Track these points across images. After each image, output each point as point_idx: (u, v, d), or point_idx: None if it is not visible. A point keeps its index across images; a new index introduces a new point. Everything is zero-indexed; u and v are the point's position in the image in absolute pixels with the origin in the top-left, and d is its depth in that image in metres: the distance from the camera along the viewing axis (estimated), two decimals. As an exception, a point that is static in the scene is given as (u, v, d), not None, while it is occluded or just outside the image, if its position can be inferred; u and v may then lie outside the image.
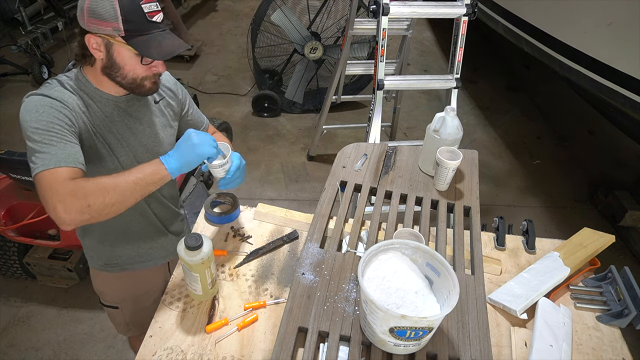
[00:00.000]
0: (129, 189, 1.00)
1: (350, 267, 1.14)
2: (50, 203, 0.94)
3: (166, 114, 1.30)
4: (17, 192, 2.15)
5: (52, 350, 2.18)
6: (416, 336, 0.90)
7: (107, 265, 1.39)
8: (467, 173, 1.46)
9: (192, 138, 1.05)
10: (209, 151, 1.07)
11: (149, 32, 1.05)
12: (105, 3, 1.00)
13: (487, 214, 2.88)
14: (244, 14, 5.70)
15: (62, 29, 4.33)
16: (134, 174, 1.01)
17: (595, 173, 3.49)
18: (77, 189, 0.95)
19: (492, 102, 4.29)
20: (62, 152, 0.98)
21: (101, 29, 1.02)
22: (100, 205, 0.96)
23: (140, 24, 1.03)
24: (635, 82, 2.03)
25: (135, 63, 1.08)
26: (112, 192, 0.97)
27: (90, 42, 1.05)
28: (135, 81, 1.11)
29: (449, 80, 2.11)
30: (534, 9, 2.78)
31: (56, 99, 1.04)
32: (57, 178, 0.95)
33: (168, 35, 1.09)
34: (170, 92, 1.31)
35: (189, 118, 1.39)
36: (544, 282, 1.21)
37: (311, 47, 3.41)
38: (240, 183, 1.22)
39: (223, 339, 1.10)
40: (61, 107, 1.03)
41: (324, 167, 3.41)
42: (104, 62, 1.08)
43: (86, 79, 1.12)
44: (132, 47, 1.04)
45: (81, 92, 1.11)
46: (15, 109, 3.77)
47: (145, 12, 1.03)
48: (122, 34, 1.02)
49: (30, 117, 1.00)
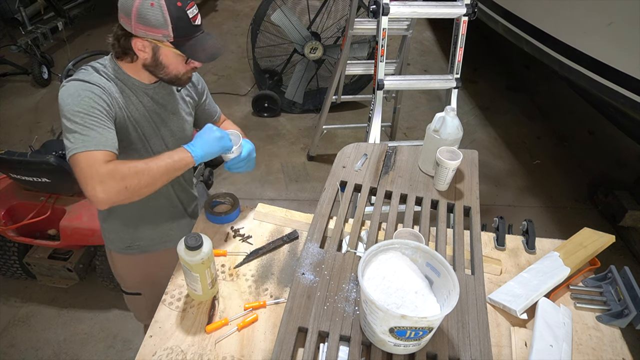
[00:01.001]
0: (160, 173, 1.08)
1: (350, 267, 1.14)
2: (90, 184, 1.00)
3: (187, 102, 1.37)
4: (17, 192, 2.15)
5: (52, 350, 2.18)
6: (416, 336, 0.90)
7: (129, 247, 1.45)
8: (467, 173, 1.46)
9: (215, 131, 1.17)
10: (229, 145, 1.19)
11: (194, 36, 1.12)
12: (155, 11, 1.04)
13: (487, 214, 2.88)
14: (244, 14, 5.69)
15: (62, 29, 4.33)
16: (164, 160, 1.09)
17: (595, 173, 3.49)
18: (115, 171, 1.02)
19: (492, 102, 4.29)
20: (101, 136, 1.05)
21: (149, 35, 1.08)
22: (135, 187, 1.04)
23: (186, 29, 1.10)
24: (635, 82, 2.03)
25: (179, 62, 1.16)
26: (146, 175, 1.05)
27: (136, 45, 1.11)
28: (176, 76, 1.19)
29: (449, 80, 2.11)
30: (534, 9, 2.78)
31: (95, 84, 1.09)
32: (96, 160, 1.02)
33: (208, 37, 1.16)
34: (190, 83, 1.37)
35: (206, 107, 1.46)
36: (544, 282, 1.20)
37: (311, 47, 3.41)
38: (250, 169, 1.31)
39: (223, 339, 1.10)
40: (101, 92, 1.09)
41: (324, 167, 3.41)
42: (147, 61, 1.15)
43: (121, 70, 1.18)
44: (181, 52, 1.11)
45: (116, 79, 1.17)
46: (15, 109, 3.81)
47: (190, 17, 1.09)
48: (171, 39, 1.09)
49: (73, 100, 1.05)
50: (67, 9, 4.54)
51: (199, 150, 1.13)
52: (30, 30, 4.14)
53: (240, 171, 1.28)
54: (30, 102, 3.92)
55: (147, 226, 1.43)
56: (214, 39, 1.17)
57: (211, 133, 1.16)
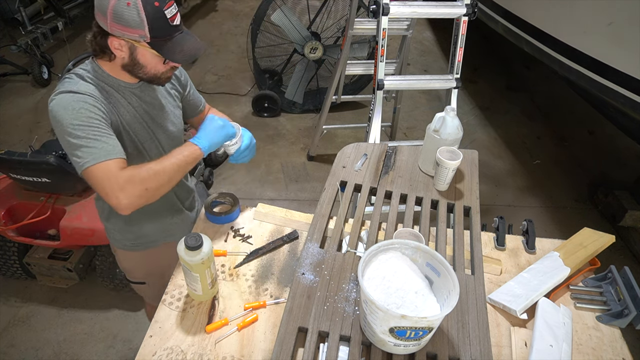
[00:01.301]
0: (174, 170, 1.11)
1: (350, 267, 1.14)
2: (111, 193, 1.04)
3: (174, 95, 1.37)
4: (17, 192, 2.15)
5: (52, 350, 2.18)
6: (416, 336, 0.90)
7: (134, 244, 1.47)
8: (467, 173, 1.46)
9: (217, 121, 1.20)
10: (233, 131, 1.23)
11: (171, 36, 1.10)
12: (132, 10, 1.02)
13: (487, 214, 2.88)
14: (244, 14, 5.69)
15: (62, 29, 4.33)
16: (175, 157, 1.12)
17: (595, 173, 3.48)
18: (133, 176, 1.05)
19: (492, 102, 4.29)
20: (107, 145, 1.06)
21: (126, 35, 1.06)
22: (155, 187, 1.08)
23: (164, 29, 1.07)
24: (635, 82, 2.03)
25: (157, 62, 1.14)
26: (162, 175, 1.09)
27: (112, 44, 1.09)
28: (155, 76, 1.18)
29: (449, 80, 2.11)
30: (534, 9, 2.77)
31: (86, 93, 1.09)
32: (111, 170, 1.04)
33: (188, 37, 1.14)
34: (173, 76, 1.36)
35: (190, 99, 1.46)
36: (544, 282, 1.20)
37: (311, 47, 3.41)
38: (252, 158, 1.34)
39: (223, 339, 1.10)
40: (94, 101, 1.09)
41: (324, 167, 3.41)
42: (125, 61, 1.13)
43: (102, 70, 1.16)
44: (158, 53, 1.10)
45: (102, 83, 1.16)
46: (15, 109, 3.80)
47: (167, 17, 1.07)
48: (147, 40, 1.07)
49: (68, 114, 1.05)
50: (67, 9, 4.53)
51: (205, 142, 1.17)
52: (30, 30, 4.13)
53: (245, 161, 1.31)
54: (30, 102, 3.92)
55: (149, 223, 1.45)
56: (194, 39, 1.15)
57: (213, 123, 1.20)
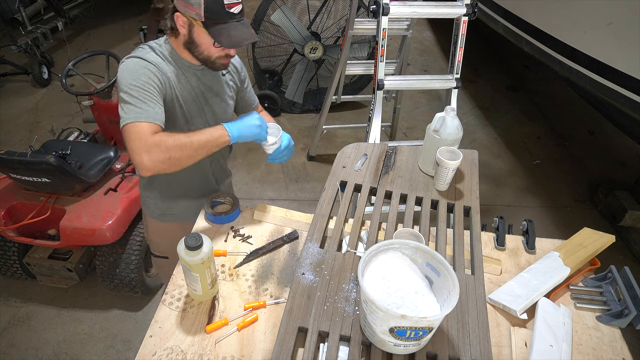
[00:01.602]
0: (200, 147, 1.18)
1: (350, 267, 1.14)
2: (138, 151, 1.11)
3: (231, 86, 1.46)
4: (17, 192, 2.15)
5: (52, 350, 2.18)
6: (416, 336, 0.90)
7: (164, 215, 1.57)
8: (467, 173, 1.46)
9: (256, 119, 1.27)
10: (264, 137, 1.29)
11: (225, 22, 1.19)
12: None
13: (487, 214, 2.88)
14: (244, 14, 5.69)
15: (62, 29, 4.34)
16: (204, 135, 1.19)
17: (595, 173, 3.49)
18: (161, 142, 1.12)
19: (492, 102, 4.29)
20: (152, 109, 1.15)
21: (187, 11, 1.18)
22: (178, 158, 1.15)
23: (218, 13, 1.17)
24: (635, 82, 2.03)
25: (209, 44, 1.23)
26: (188, 148, 1.16)
27: (178, 20, 1.21)
28: (209, 58, 1.27)
29: (449, 80, 2.11)
30: (534, 9, 2.77)
31: (151, 62, 1.21)
32: (144, 131, 1.12)
33: (241, 26, 1.22)
34: (234, 69, 1.47)
35: (245, 95, 1.55)
36: (544, 282, 1.20)
37: (311, 47, 3.41)
38: (289, 158, 1.41)
39: (223, 339, 1.10)
40: (156, 70, 1.20)
41: (324, 167, 3.41)
42: (185, 38, 1.25)
43: (172, 47, 1.29)
44: (208, 33, 1.19)
45: (170, 58, 1.28)
46: (15, 109, 3.80)
47: (225, 3, 1.17)
48: (202, 19, 1.17)
49: (130, 75, 1.17)
50: (67, 9, 4.55)
51: (236, 131, 1.22)
52: (30, 30, 4.14)
53: (282, 161, 1.38)
54: (30, 102, 3.92)
55: (182, 199, 1.53)
56: (247, 30, 1.23)
57: (252, 120, 1.26)
